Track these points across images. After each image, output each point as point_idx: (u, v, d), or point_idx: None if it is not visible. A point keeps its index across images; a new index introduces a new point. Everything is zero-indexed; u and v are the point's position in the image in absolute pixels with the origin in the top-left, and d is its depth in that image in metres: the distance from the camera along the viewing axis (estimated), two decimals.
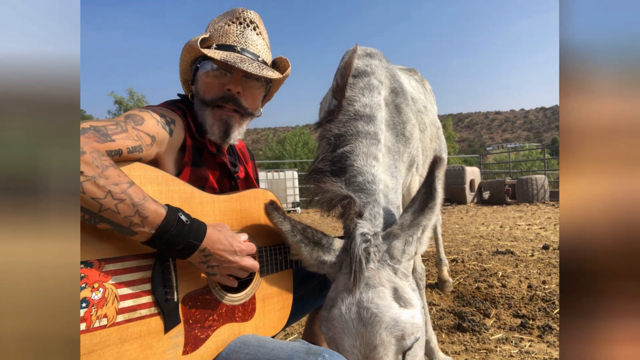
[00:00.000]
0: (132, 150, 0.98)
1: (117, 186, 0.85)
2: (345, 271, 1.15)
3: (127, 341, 0.87)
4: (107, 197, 0.83)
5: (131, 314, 0.88)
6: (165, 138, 1.11)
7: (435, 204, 1.21)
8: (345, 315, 1.07)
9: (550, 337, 2.21)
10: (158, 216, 0.89)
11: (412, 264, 1.26)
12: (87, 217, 0.84)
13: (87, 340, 0.81)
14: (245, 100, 1.24)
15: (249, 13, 1.27)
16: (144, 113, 1.08)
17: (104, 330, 0.84)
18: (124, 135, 0.97)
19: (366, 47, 1.79)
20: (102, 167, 0.85)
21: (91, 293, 0.83)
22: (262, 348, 1.02)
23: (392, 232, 1.20)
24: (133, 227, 0.87)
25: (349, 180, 1.30)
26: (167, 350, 0.93)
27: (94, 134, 0.91)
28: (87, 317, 0.81)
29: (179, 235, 0.91)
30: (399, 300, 1.09)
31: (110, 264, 0.87)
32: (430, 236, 1.25)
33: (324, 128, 1.45)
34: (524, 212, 8.19)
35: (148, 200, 0.89)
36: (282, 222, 1.19)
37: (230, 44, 1.22)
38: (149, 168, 1.00)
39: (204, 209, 1.08)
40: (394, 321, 1.05)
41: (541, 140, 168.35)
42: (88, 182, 0.82)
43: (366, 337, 1.04)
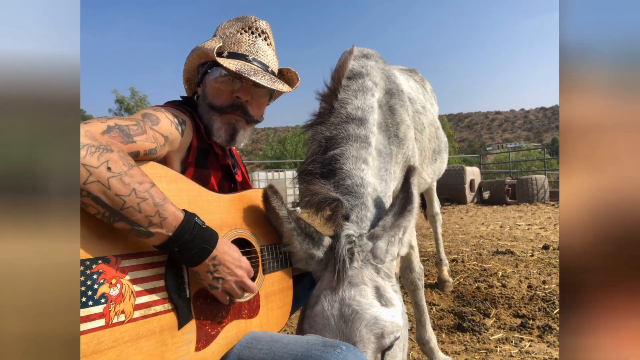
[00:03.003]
0: (148, 153, 1.00)
1: (141, 185, 0.86)
2: (329, 270, 1.17)
3: (144, 337, 0.87)
4: (131, 194, 0.84)
5: (147, 310, 0.88)
6: (177, 138, 1.12)
7: (413, 207, 1.27)
8: (327, 311, 1.09)
9: (550, 337, 2.21)
10: (176, 218, 0.90)
11: (394, 265, 1.29)
12: (108, 215, 0.83)
13: (107, 336, 0.80)
14: (252, 108, 1.27)
15: (260, 23, 1.30)
16: (159, 113, 1.09)
17: (123, 326, 0.83)
18: (144, 137, 0.99)
19: (363, 48, 1.80)
20: (129, 165, 0.86)
21: (109, 289, 0.83)
22: (277, 343, 1.02)
23: (375, 233, 1.23)
24: (151, 228, 0.87)
25: (337, 183, 1.32)
26: (181, 347, 0.94)
27: (119, 134, 0.92)
28: (106, 313, 0.81)
29: (194, 239, 0.92)
30: (380, 299, 1.11)
31: (126, 260, 0.87)
32: (423, 234, 1.28)
33: (314, 129, 1.47)
34: (524, 212, 8.19)
35: (168, 202, 0.90)
36: (279, 207, 1.21)
37: (242, 52, 1.25)
38: (159, 166, 1.01)
39: (210, 207, 1.09)
40: (374, 319, 1.06)
41: (541, 140, 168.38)
42: (115, 178, 0.82)
43: (346, 333, 1.05)
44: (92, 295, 0.80)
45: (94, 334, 0.78)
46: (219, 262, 0.97)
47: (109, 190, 0.81)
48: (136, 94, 32.15)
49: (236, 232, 1.16)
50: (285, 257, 1.28)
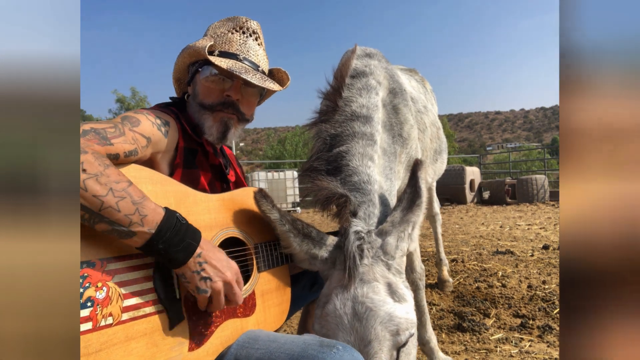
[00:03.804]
0: (129, 154, 0.99)
1: (118, 184, 0.86)
2: (339, 268, 1.16)
3: (134, 339, 0.87)
4: (108, 194, 0.83)
5: (136, 311, 0.88)
6: (160, 139, 1.12)
7: (422, 201, 1.25)
8: (339, 310, 1.07)
9: (550, 337, 2.21)
10: (157, 215, 0.89)
11: (404, 261, 1.28)
12: (87, 217, 0.83)
13: (94, 339, 0.81)
14: (242, 107, 1.28)
15: (251, 23, 1.31)
16: (140, 115, 1.10)
17: (111, 328, 0.84)
18: (122, 139, 0.98)
19: (365, 47, 1.80)
20: (104, 165, 0.86)
21: (95, 292, 0.83)
22: (274, 343, 1.01)
23: (384, 229, 1.22)
24: (132, 227, 0.86)
25: (344, 180, 1.31)
26: (173, 347, 0.93)
27: (95, 137, 0.92)
28: (92, 316, 0.81)
29: (177, 234, 0.90)
30: (393, 295, 1.10)
31: (111, 263, 0.87)
32: (423, 234, 1.28)
33: (319, 127, 1.46)
34: (524, 212, 8.19)
35: (147, 199, 0.90)
36: (270, 210, 1.20)
37: (233, 52, 1.26)
38: (144, 169, 1.01)
39: (198, 208, 1.08)
40: (389, 316, 1.05)
41: (541, 140, 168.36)
42: (90, 179, 0.82)
43: (360, 332, 1.03)
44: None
45: (81, 337, 0.78)
46: (204, 259, 0.94)
47: (85, 192, 0.81)
48: (137, 94, 32.17)
49: (227, 231, 1.15)
50: (281, 254, 1.27)
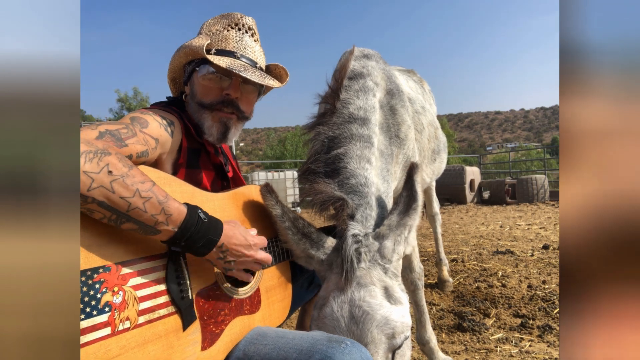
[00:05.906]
0: (140, 155, 1.00)
1: (143, 184, 0.86)
2: (336, 271, 1.16)
3: (150, 342, 0.87)
4: (135, 195, 0.84)
5: (151, 314, 0.89)
6: (167, 140, 1.12)
7: (418, 205, 1.26)
8: (336, 313, 1.08)
9: (550, 337, 2.21)
10: (180, 214, 0.91)
11: (401, 264, 1.29)
12: (114, 218, 0.83)
13: (114, 344, 0.80)
14: (241, 104, 1.27)
15: (247, 19, 1.29)
16: (147, 116, 1.09)
17: (129, 332, 0.84)
18: (135, 140, 0.99)
19: (363, 49, 1.80)
20: (128, 166, 0.86)
21: (112, 297, 0.83)
22: (282, 339, 1.03)
23: (382, 233, 1.22)
24: (158, 226, 0.88)
25: (342, 182, 1.32)
26: (187, 348, 0.94)
27: (111, 138, 0.93)
28: (111, 321, 0.81)
29: (199, 232, 0.93)
30: (389, 299, 1.11)
31: (126, 267, 0.87)
32: (423, 234, 1.28)
33: (316, 130, 1.47)
34: (524, 212, 8.18)
35: (170, 198, 0.91)
36: (273, 206, 1.22)
37: (230, 49, 1.24)
38: (151, 169, 1.01)
39: (204, 207, 1.09)
40: (385, 319, 1.06)
41: (541, 140, 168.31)
42: (117, 181, 0.82)
43: (357, 334, 1.05)
44: (96, 304, 0.80)
45: (101, 343, 0.78)
46: (226, 248, 0.99)
47: (113, 194, 0.81)
48: (139, 94, 32.16)
49: None
50: (283, 250, 1.28)
